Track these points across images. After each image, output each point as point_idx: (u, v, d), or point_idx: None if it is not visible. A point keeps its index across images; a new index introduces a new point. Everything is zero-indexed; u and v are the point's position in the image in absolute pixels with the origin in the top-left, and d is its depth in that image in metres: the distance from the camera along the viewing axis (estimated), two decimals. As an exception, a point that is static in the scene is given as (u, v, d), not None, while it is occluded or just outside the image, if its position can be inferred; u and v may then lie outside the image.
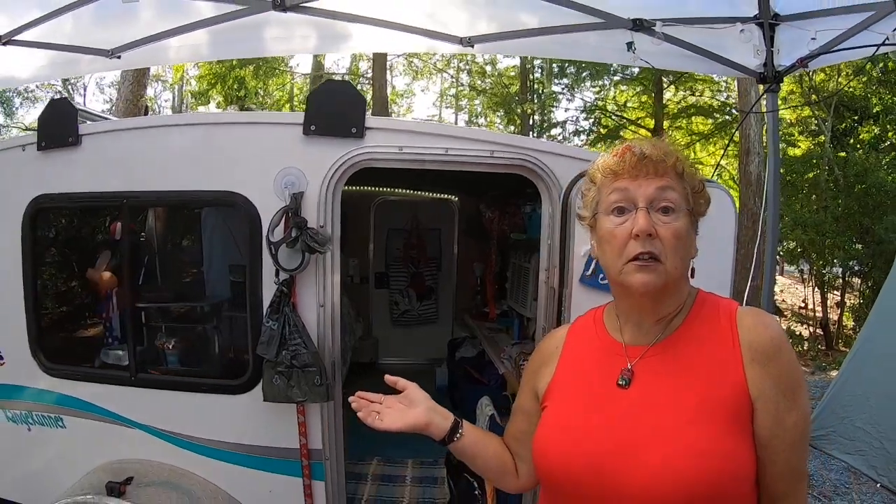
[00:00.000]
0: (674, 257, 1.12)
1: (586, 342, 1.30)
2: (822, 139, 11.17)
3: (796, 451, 1.12)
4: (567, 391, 1.26)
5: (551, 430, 1.23)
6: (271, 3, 2.72)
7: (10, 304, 2.67)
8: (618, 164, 1.16)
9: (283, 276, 2.34)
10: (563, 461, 1.16)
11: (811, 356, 9.43)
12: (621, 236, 1.13)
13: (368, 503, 3.05)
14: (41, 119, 2.65)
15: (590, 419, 1.17)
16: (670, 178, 1.14)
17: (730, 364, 1.11)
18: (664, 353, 1.16)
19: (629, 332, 1.22)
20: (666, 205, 1.13)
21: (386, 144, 2.42)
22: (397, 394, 1.36)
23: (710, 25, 2.89)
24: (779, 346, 1.12)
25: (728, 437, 1.07)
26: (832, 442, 5.22)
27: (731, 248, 2.75)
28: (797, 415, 1.11)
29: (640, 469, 1.07)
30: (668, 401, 1.11)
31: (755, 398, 1.09)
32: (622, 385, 1.16)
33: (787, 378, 1.11)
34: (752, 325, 1.14)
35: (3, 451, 2.87)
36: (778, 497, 1.13)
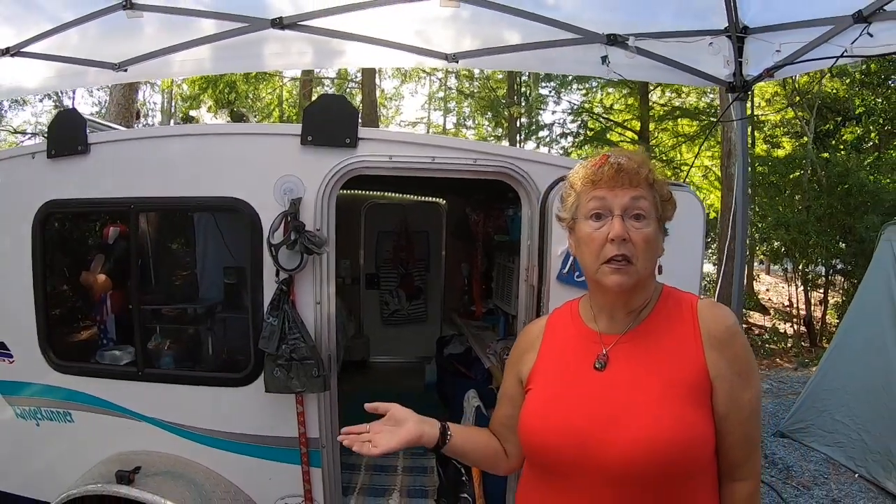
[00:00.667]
0: (644, 259, 1.27)
1: (565, 331, 1.44)
2: (805, 140, 11.37)
3: (750, 424, 1.28)
4: (549, 374, 1.40)
5: (536, 408, 1.36)
6: (270, 21, 2.88)
7: (20, 304, 2.79)
8: (597, 174, 1.30)
9: (282, 276, 2.50)
10: (547, 436, 1.30)
11: (794, 353, 9.63)
12: (599, 240, 1.28)
13: (362, 491, 3.19)
14: (51, 128, 2.79)
15: (570, 398, 1.31)
16: (643, 189, 1.29)
17: (691, 349, 1.28)
18: (634, 341, 1.32)
19: (603, 322, 1.37)
20: (638, 212, 1.27)
21: (377, 153, 2.59)
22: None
23: (682, 39, 3.04)
24: (733, 333, 1.29)
25: (691, 411, 1.23)
26: (811, 434, 5.38)
27: (699, 248, 2.91)
28: (751, 393, 1.28)
29: (616, 440, 1.21)
30: (640, 381, 1.27)
31: (713, 378, 1.25)
32: (598, 368, 1.31)
33: (741, 361, 1.28)
34: (710, 315, 1.31)
35: (12, 447, 2.99)
36: (736, 464, 1.29)
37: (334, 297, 2.65)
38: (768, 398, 7.19)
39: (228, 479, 2.67)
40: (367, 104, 14.43)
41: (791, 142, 13.15)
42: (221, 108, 14.62)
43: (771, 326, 11.26)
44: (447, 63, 3.18)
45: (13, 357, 2.88)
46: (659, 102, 16.05)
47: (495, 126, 20.40)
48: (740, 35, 3.06)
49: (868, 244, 8.46)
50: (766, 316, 12.25)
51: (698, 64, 3.20)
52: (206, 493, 2.55)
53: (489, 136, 21.45)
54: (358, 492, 3.18)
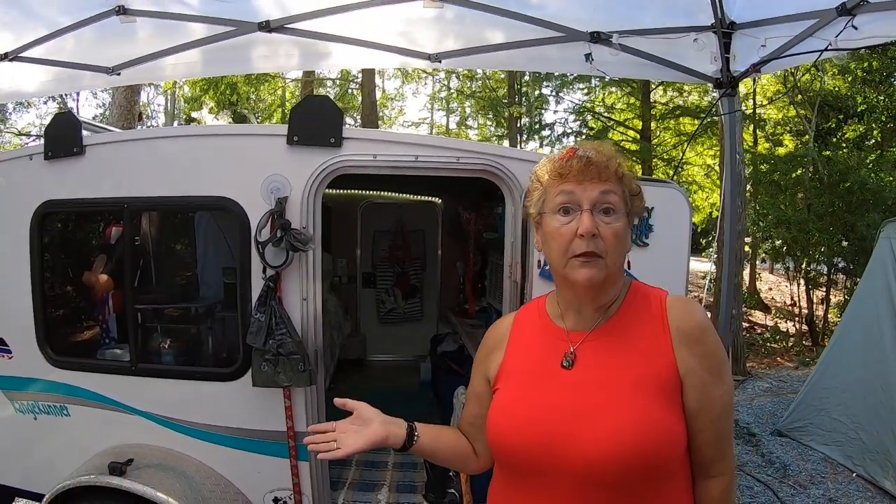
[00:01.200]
0: (613, 254, 1.24)
1: (531, 329, 1.40)
2: (807, 139, 11.33)
3: (722, 421, 1.25)
4: (516, 374, 1.36)
5: (503, 409, 1.32)
6: (257, 25, 2.94)
7: (19, 302, 2.87)
8: (564, 167, 1.26)
9: (269, 273, 2.56)
10: (515, 436, 1.26)
11: (796, 351, 9.60)
12: (567, 234, 1.24)
13: (352, 485, 3.25)
14: (48, 131, 2.86)
15: (538, 398, 1.27)
16: (612, 183, 1.25)
17: (661, 346, 1.24)
18: (603, 338, 1.28)
19: (571, 318, 1.33)
20: (607, 206, 1.24)
21: (361, 153, 2.65)
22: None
23: (667, 35, 3.05)
24: (703, 329, 1.26)
25: (661, 409, 1.19)
26: (809, 433, 5.38)
27: (685, 245, 2.96)
28: (722, 390, 1.25)
29: (585, 439, 1.18)
30: (608, 379, 1.23)
31: (684, 375, 1.22)
32: (566, 366, 1.28)
33: (712, 358, 1.25)
34: (680, 311, 1.27)
35: (11, 441, 3.06)
36: (709, 461, 1.27)
37: (321, 294, 2.71)
38: (768, 397, 7.19)
39: (219, 472, 2.73)
40: (366, 105, 14.46)
41: (793, 140, 13.09)
42: (223, 109, 14.73)
43: (772, 325, 11.22)
44: (430, 63, 3.22)
45: (12, 353, 2.95)
46: (661, 101, 16.01)
47: (497, 126, 20.41)
48: (727, 31, 3.05)
49: (869, 242, 8.38)
50: (767, 315, 12.20)
51: (685, 60, 3.20)
52: (197, 485, 2.61)
53: (492, 135, 21.48)
54: (348, 486, 3.24)
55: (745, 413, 6.52)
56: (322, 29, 3.04)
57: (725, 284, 3.42)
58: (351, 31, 3.08)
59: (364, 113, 14.57)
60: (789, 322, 11.10)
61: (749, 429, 5.99)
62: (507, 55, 3.15)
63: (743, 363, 8.40)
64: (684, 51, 3.15)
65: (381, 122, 21.96)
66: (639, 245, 2.83)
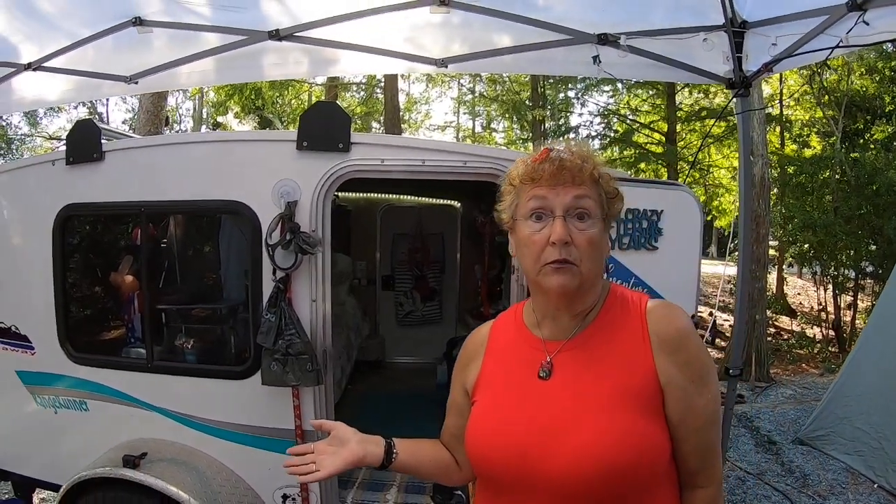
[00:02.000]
0: (588, 261, 1.18)
1: (508, 339, 1.36)
2: (833, 140, 11.11)
3: (707, 431, 1.21)
4: (492, 385, 1.32)
5: (480, 422, 1.29)
6: (268, 33, 3.02)
7: (42, 301, 2.99)
8: (536, 171, 1.20)
9: (279, 275, 2.62)
10: (491, 450, 1.23)
11: (822, 358, 9.40)
12: (539, 242, 1.18)
13: (361, 485, 3.28)
14: (69, 137, 2.97)
15: (514, 410, 1.23)
16: (586, 187, 1.19)
17: (640, 354, 1.19)
18: (580, 347, 1.23)
19: (547, 327, 1.28)
20: (581, 212, 1.18)
21: (369, 157, 2.70)
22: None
23: (675, 36, 3.02)
24: (684, 336, 1.20)
25: (641, 420, 1.14)
26: (831, 442, 5.27)
27: (696, 249, 2.94)
28: (705, 399, 1.19)
29: (561, 453, 1.14)
30: (586, 389, 1.19)
31: (664, 384, 1.17)
32: (543, 377, 1.23)
33: (694, 366, 1.19)
34: (660, 317, 1.22)
35: (33, 433, 3.18)
36: (694, 471, 1.23)
37: (331, 296, 2.76)
38: (791, 404, 7.07)
39: (229, 468, 2.80)
40: (389, 110, 14.57)
41: (820, 141, 12.84)
42: (248, 114, 14.98)
43: (799, 331, 11.00)
44: (437, 68, 3.26)
45: (35, 349, 3.07)
46: (686, 103, 15.82)
47: (521, 129, 20.38)
48: (738, 30, 3.01)
49: (896, 246, 8.26)
50: (794, 320, 11.95)
51: (695, 61, 3.17)
52: (208, 479, 2.68)
53: (517, 139, 21.46)
54: (357, 486, 3.27)
55: (767, 421, 6.41)
56: (330, 36, 3.10)
57: (740, 288, 3.36)
58: (359, 38, 3.13)
59: (387, 117, 14.68)
60: (816, 328, 10.86)
61: (770, 437, 5.90)
62: (514, 58, 3.17)
63: (767, 369, 8.26)
64: (695, 51, 3.12)
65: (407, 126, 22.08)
66: (648, 249, 2.83)
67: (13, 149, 19.19)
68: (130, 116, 20.49)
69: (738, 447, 5.65)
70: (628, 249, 2.78)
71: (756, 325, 8.03)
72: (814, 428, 5.51)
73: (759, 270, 8.13)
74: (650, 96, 15.87)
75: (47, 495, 4.23)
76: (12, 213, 3.19)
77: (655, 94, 15.34)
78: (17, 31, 3.22)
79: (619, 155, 15.19)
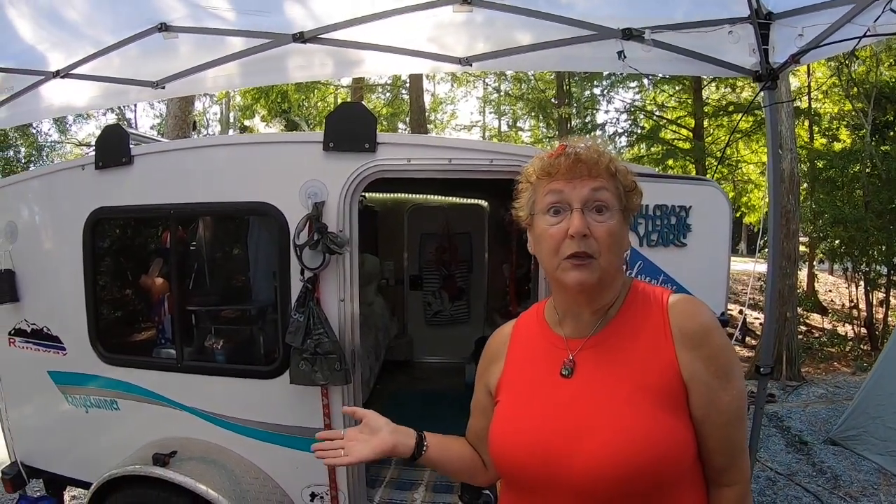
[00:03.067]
0: (607, 254, 1.17)
1: (530, 337, 1.35)
2: (863, 133, 10.86)
3: (732, 428, 1.18)
4: (515, 385, 1.31)
5: (502, 422, 1.28)
6: (292, 36, 3.03)
7: (72, 302, 3.05)
8: (553, 165, 1.20)
9: (307, 275, 2.64)
10: (513, 450, 1.22)
11: (853, 356, 9.20)
12: (557, 236, 1.18)
13: (390, 483, 3.29)
14: (98, 142, 3.03)
15: (536, 409, 1.23)
16: (603, 179, 1.19)
17: (662, 350, 1.17)
18: (602, 344, 1.22)
19: (569, 324, 1.28)
20: (599, 204, 1.18)
21: (395, 157, 2.71)
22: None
23: (700, 29, 2.97)
24: (707, 331, 1.18)
25: (664, 418, 1.13)
26: (863, 442, 5.19)
27: (725, 245, 2.90)
28: (730, 395, 1.17)
29: (582, 453, 1.13)
30: (608, 387, 1.17)
31: (687, 380, 1.15)
32: (565, 375, 1.22)
33: (718, 361, 1.17)
34: (682, 312, 1.20)
35: (64, 432, 3.25)
36: (719, 469, 1.20)
37: (358, 295, 2.77)
38: (822, 403, 6.94)
39: (258, 466, 2.82)
40: (415, 110, 14.62)
41: (850, 134, 12.56)
42: (275, 117, 15.15)
43: (830, 328, 10.78)
44: (461, 67, 3.25)
45: (66, 350, 3.13)
46: (713, 98, 15.60)
47: (547, 127, 20.28)
48: (763, 21, 2.95)
49: (931, 242, 8.06)
50: (825, 317, 11.72)
51: (721, 54, 3.11)
52: (237, 478, 2.71)
53: (543, 137, 21.36)
54: (385, 484, 3.29)
55: (798, 420, 6.31)
56: (354, 38, 3.10)
57: (770, 285, 3.30)
58: (382, 39, 3.13)
59: (413, 118, 14.73)
60: (847, 325, 10.64)
61: (801, 437, 5.80)
62: (539, 56, 3.13)
63: (798, 368, 8.11)
64: (720, 44, 3.07)
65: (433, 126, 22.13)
66: (676, 245, 2.80)
67: (44, 155, 19.65)
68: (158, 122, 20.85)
69: (769, 447, 5.56)
70: (657, 246, 2.75)
71: (787, 322, 7.89)
72: (845, 428, 5.42)
73: (789, 267, 7.98)
74: (676, 92, 15.70)
75: (78, 493, 4.33)
76: (44, 217, 3.26)
77: (682, 90, 15.18)
78: (43, 40, 3.28)
79: (647, 152, 15.06)
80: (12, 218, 3.24)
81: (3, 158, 18.02)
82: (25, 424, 3.37)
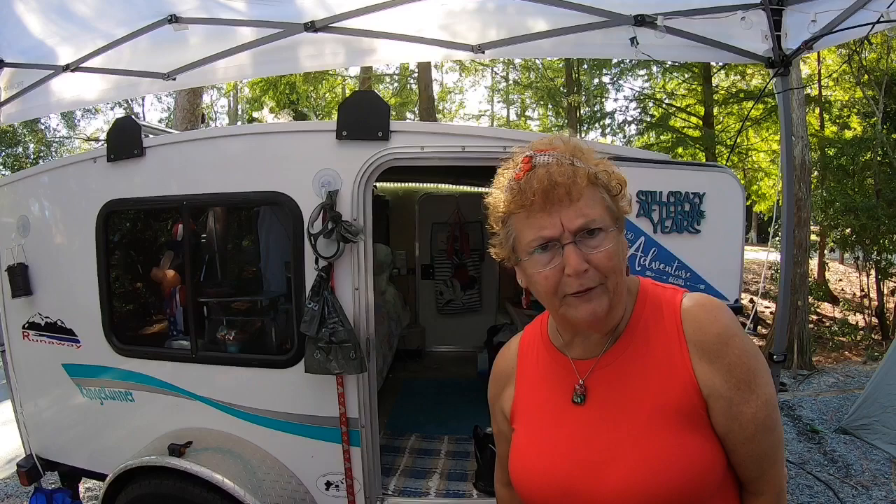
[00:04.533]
0: (612, 276, 1.06)
1: (536, 358, 1.26)
2: (874, 120, 10.76)
3: (759, 440, 1.08)
4: (528, 413, 1.23)
5: (520, 456, 1.20)
6: (303, 25, 3.03)
7: (86, 295, 3.05)
8: (525, 197, 1.05)
9: (322, 264, 2.64)
10: (534, 488, 1.15)
11: (865, 346, 9.16)
12: (553, 277, 1.05)
13: (404, 472, 3.30)
14: (110, 134, 3.02)
15: (551, 440, 1.15)
16: (587, 197, 1.05)
17: (677, 365, 1.08)
18: (613, 363, 1.13)
19: (577, 346, 1.18)
20: (590, 229, 1.04)
21: (409, 145, 2.70)
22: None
23: (713, 15, 2.96)
24: (725, 339, 1.08)
25: (687, 441, 1.05)
26: (874, 431, 5.20)
27: (739, 232, 2.87)
28: (755, 405, 1.07)
29: (604, 486, 1.06)
30: (623, 413, 1.09)
31: (706, 395, 1.06)
32: (577, 402, 1.14)
33: (739, 371, 1.07)
34: (696, 320, 1.10)
35: (80, 425, 3.27)
36: (749, 479, 1.12)
37: (372, 284, 2.77)
38: (833, 392, 6.93)
39: (274, 456, 2.83)
40: (423, 100, 14.60)
41: (861, 122, 12.45)
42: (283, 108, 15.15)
43: (841, 318, 10.72)
44: (473, 54, 3.23)
45: (80, 342, 3.14)
46: (723, 85, 15.48)
47: (557, 116, 20.19)
48: (776, 7, 2.94)
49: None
50: (836, 307, 11.66)
51: (734, 40, 3.09)
52: (252, 467, 2.71)
53: (553, 126, 21.27)
54: (400, 473, 3.29)
55: (809, 409, 6.31)
56: (366, 26, 3.09)
57: (784, 272, 3.27)
58: (394, 27, 3.12)
59: (422, 107, 14.71)
60: (859, 314, 10.59)
61: (812, 425, 5.80)
62: (552, 43, 3.12)
63: (809, 357, 8.09)
64: (733, 30, 3.05)
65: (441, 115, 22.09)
66: (690, 232, 2.78)
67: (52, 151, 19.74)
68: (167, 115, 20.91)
69: (781, 436, 5.55)
70: (671, 233, 2.73)
71: (798, 311, 7.86)
72: (856, 417, 5.41)
73: (800, 256, 7.94)
74: (686, 79, 15.57)
75: (92, 485, 4.35)
76: (56, 211, 3.27)
77: (691, 78, 15.05)
78: (53, 35, 3.28)
79: (656, 140, 14.97)
80: (24, 212, 3.25)
81: (11, 155, 18.11)
82: (40, 417, 3.39)
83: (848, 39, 2.99)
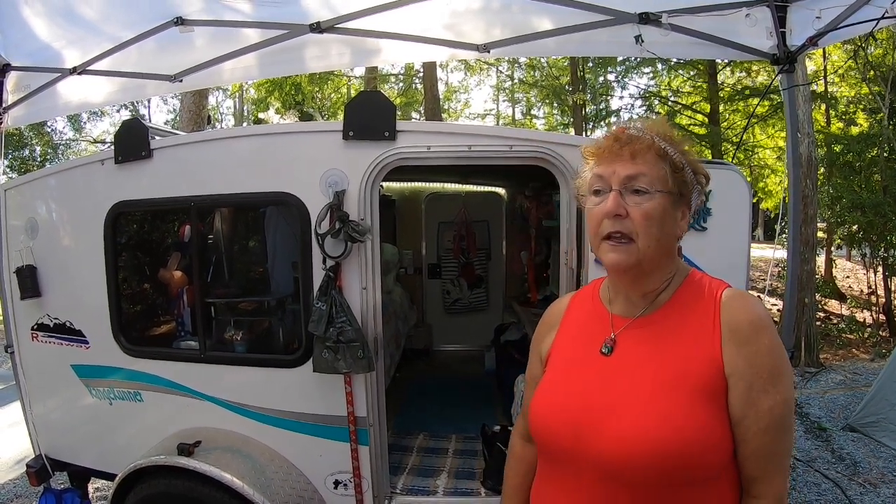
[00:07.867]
0: (645, 236, 1.16)
1: (583, 311, 1.38)
2: (881, 116, 10.71)
3: (770, 436, 1.12)
4: (560, 358, 1.34)
5: (542, 395, 1.31)
6: (309, 26, 3.04)
7: (94, 296, 3.07)
8: (600, 148, 1.23)
9: (329, 263, 2.65)
10: (548, 424, 1.25)
11: (872, 343, 9.12)
12: (597, 216, 1.20)
13: (412, 471, 3.31)
14: (117, 136, 3.02)
15: (573, 383, 1.25)
16: (646, 161, 1.18)
17: (708, 341, 1.16)
18: (647, 326, 1.23)
19: (619, 303, 1.29)
20: (638, 186, 1.17)
21: (415, 145, 2.70)
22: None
23: (718, 12, 2.96)
24: (757, 329, 1.14)
25: (699, 409, 1.11)
26: (882, 429, 5.19)
27: (745, 229, 2.87)
28: (773, 400, 1.12)
29: (608, 431, 1.14)
30: (645, 370, 1.17)
31: (729, 375, 1.13)
32: (605, 353, 1.24)
33: (764, 360, 1.13)
34: (734, 306, 1.18)
35: (88, 425, 3.28)
36: (751, 478, 1.15)
37: (380, 283, 2.78)
38: (841, 390, 6.91)
39: (282, 455, 2.84)
40: (429, 99, 14.60)
41: (867, 118, 12.38)
42: (289, 109, 15.18)
43: (848, 315, 10.68)
44: (479, 54, 3.23)
45: (89, 343, 3.16)
46: (728, 82, 15.43)
47: (562, 114, 20.16)
48: (781, 4, 2.95)
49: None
50: (843, 304, 11.61)
51: (739, 37, 3.10)
52: (261, 467, 2.72)
53: (558, 124, 21.25)
54: (408, 471, 3.30)
55: (817, 407, 6.30)
56: (371, 27, 3.10)
57: (791, 269, 3.26)
58: (399, 27, 3.13)
59: (427, 107, 14.71)
60: (866, 311, 10.54)
61: (820, 423, 5.79)
62: (557, 41, 3.12)
63: (816, 354, 8.06)
64: (738, 27, 3.06)
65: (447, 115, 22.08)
66: (697, 230, 2.77)
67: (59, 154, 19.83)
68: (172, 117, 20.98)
69: (788, 434, 5.54)
70: (678, 231, 2.73)
71: (805, 309, 7.84)
72: (864, 414, 5.41)
73: (807, 252, 7.92)
74: (691, 77, 15.53)
75: (101, 485, 4.38)
76: (64, 213, 3.28)
77: (696, 75, 15.01)
78: (59, 38, 3.29)
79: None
80: (33, 215, 3.26)
81: (19, 158, 18.19)
82: (49, 418, 3.40)
83: (853, 35, 2.98)
